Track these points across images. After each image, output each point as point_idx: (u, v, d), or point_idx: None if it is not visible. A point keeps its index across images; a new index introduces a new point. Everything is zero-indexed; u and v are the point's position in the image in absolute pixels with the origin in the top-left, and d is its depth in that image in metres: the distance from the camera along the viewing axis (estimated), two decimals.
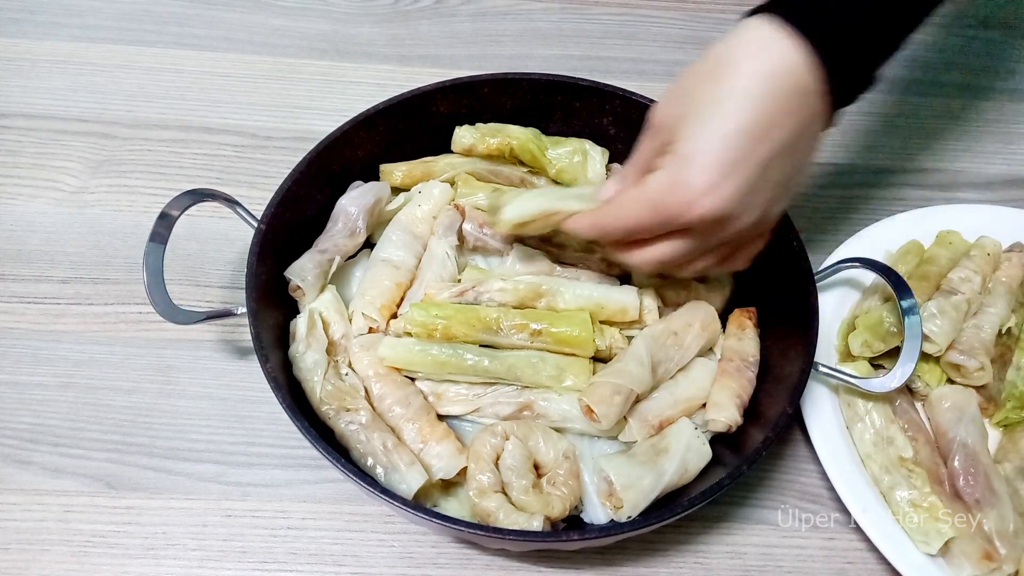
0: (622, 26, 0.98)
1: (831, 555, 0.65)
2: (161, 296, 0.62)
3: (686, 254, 0.55)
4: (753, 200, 0.51)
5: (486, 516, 0.58)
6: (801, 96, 0.49)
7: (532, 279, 0.66)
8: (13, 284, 0.74)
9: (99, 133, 0.84)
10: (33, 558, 0.61)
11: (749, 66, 0.48)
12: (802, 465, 0.69)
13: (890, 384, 0.63)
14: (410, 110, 0.73)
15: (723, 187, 0.49)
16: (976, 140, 0.91)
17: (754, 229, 0.54)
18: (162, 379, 0.70)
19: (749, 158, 0.49)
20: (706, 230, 0.52)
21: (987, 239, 0.76)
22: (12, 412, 0.67)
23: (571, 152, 0.74)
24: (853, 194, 0.86)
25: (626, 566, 0.64)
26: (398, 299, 0.68)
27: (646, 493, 0.58)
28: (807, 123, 0.50)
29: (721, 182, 0.49)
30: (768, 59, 0.48)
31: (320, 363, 0.62)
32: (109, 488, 0.64)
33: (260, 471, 0.66)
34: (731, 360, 0.66)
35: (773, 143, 0.49)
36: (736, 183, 0.49)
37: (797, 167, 0.52)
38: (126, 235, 0.77)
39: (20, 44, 0.90)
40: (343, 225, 0.69)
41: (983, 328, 0.70)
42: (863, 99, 0.53)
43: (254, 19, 0.95)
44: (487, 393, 0.64)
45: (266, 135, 0.85)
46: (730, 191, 0.49)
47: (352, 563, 0.63)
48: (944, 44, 0.99)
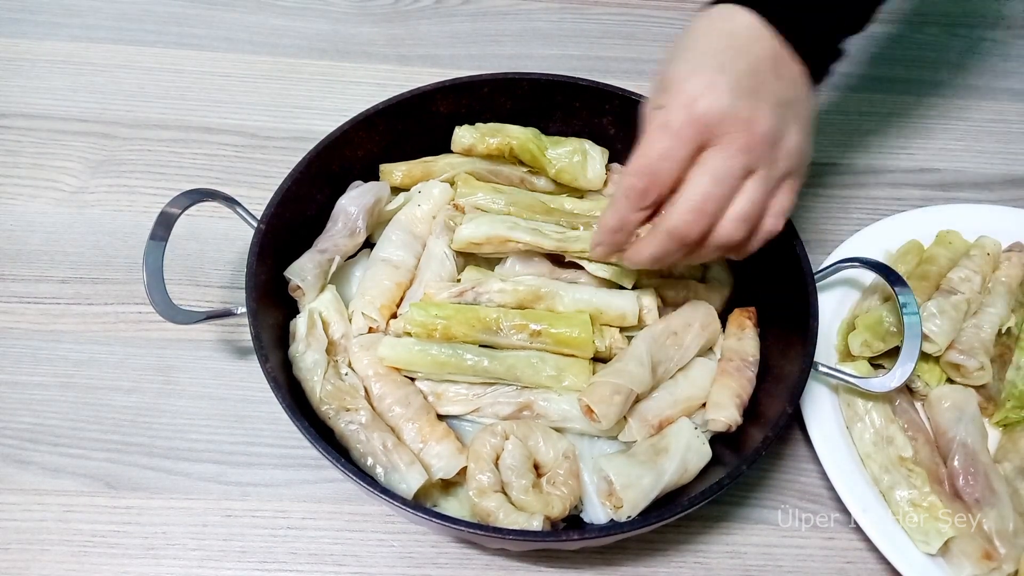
0: (622, 26, 0.98)
1: (831, 555, 0.65)
2: (161, 296, 0.62)
3: (723, 182, 0.52)
4: (758, 104, 0.52)
5: (486, 516, 0.58)
6: (760, 33, 0.54)
7: (532, 281, 0.66)
8: (13, 284, 0.74)
9: (99, 133, 0.84)
10: (33, 558, 0.61)
11: (716, 21, 0.55)
12: (802, 465, 0.69)
13: (890, 384, 0.63)
14: (410, 110, 0.73)
15: (719, 82, 0.51)
16: (976, 140, 0.91)
17: (782, 156, 0.54)
18: (162, 379, 0.70)
19: (736, 60, 0.53)
20: (727, 142, 0.52)
21: (987, 239, 0.76)
22: (12, 412, 0.67)
23: (571, 152, 0.74)
24: (853, 194, 0.86)
25: (626, 566, 0.64)
26: (398, 299, 0.68)
27: (646, 493, 0.58)
28: (779, 57, 0.54)
29: (716, 78, 0.52)
30: (730, 17, 0.55)
31: (320, 363, 0.62)
32: (109, 488, 0.64)
33: (260, 471, 0.66)
34: (731, 360, 0.66)
35: (751, 56, 0.53)
36: (730, 77, 0.52)
37: (791, 98, 0.54)
38: (126, 235, 0.77)
39: (20, 44, 0.90)
40: (343, 225, 0.69)
41: (983, 328, 0.70)
42: (868, 99, 0.54)
43: (254, 19, 0.95)
44: (487, 393, 0.64)
45: (266, 135, 0.85)
46: (727, 83, 0.51)
47: (352, 563, 0.63)
48: (945, 44, 1.00)
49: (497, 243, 0.67)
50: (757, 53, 0.53)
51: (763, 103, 0.52)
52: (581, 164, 0.73)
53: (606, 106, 0.74)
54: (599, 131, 0.76)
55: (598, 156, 0.74)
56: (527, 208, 0.70)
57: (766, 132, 0.52)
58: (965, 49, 0.99)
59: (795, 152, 0.55)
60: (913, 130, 0.91)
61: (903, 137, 0.90)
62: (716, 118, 0.51)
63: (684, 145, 0.52)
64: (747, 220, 0.54)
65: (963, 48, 0.99)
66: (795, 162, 0.55)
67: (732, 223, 0.54)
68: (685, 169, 0.53)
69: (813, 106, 0.57)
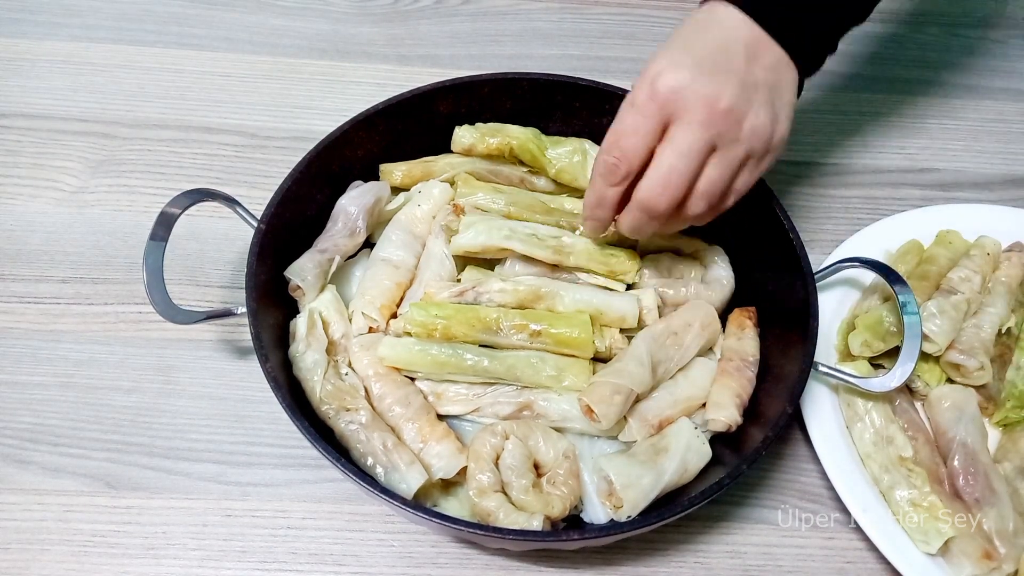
0: (622, 26, 0.98)
1: (831, 555, 0.65)
2: (161, 296, 0.62)
3: (686, 155, 0.55)
4: (721, 84, 0.54)
5: (486, 516, 0.58)
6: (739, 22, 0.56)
7: (532, 281, 0.66)
8: (13, 284, 0.74)
9: (99, 133, 0.84)
10: (33, 558, 0.61)
11: (698, 14, 0.58)
12: (802, 465, 0.69)
13: (890, 384, 0.63)
14: (410, 110, 0.73)
15: (682, 59, 0.54)
16: (976, 140, 0.91)
17: (745, 134, 0.55)
18: (162, 379, 0.70)
19: (704, 41, 0.55)
20: (689, 117, 0.54)
21: (987, 239, 0.76)
22: (12, 412, 0.67)
23: (571, 152, 0.74)
24: (853, 194, 0.86)
25: (626, 566, 0.64)
26: (398, 299, 0.68)
27: (646, 493, 0.58)
28: (757, 41, 0.56)
29: (679, 56, 0.55)
30: (712, 10, 0.57)
31: (320, 363, 0.62)
32: (109, 488, 0.64)
33: (260, 471, 0.66)
34: (731, 360, 0.66)
35: (721, 38, 0.55)
36: (695, 55, 0.55)
37: (765, 81, 0.56)
38: (126, 235, 0.77)
39: (20, 44, 0.90)
40: (343, 225, 0.69)
41: (983, 328, 0.70)
42: (868, 99, 0.54)
43: (254, 19, 0.95)
44: (487, 393, 0.64)
45: (266, 135, 0.85)
46: (690, 60, 0.54)
47: (352, 563, 0.63)
48: (945, 44, 1.00)
49: (493, 252, 0.68)
50: (730, 36, 0.55)
51: (728, 82, 0.54)
52: (581, 164, 0.73)
53: (606, 106, 0.74)
54: (599, 131, 0.75)
55: None
56: (527, 208, 0.70)
57: (727, 108, 0.54)
58: (965, 49, 0.99)
59: (761, 132, 0.56)
60: (913, 130, 0.91)
61: (903, 137, 0.91)
62: (676, 93, 0.54)
63: (648, 120, 0.55)
64: (711, 196, 0.57)
65: (963, 48, 0.99)
66: (760, 143, 0.57)
67: (696, 198, 0.57)
68: (653, 144, 0.56)
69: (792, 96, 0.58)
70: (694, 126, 0.54)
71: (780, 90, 0.57)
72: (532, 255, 0.67)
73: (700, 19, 0.58)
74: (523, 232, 0.67)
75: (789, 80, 0.58)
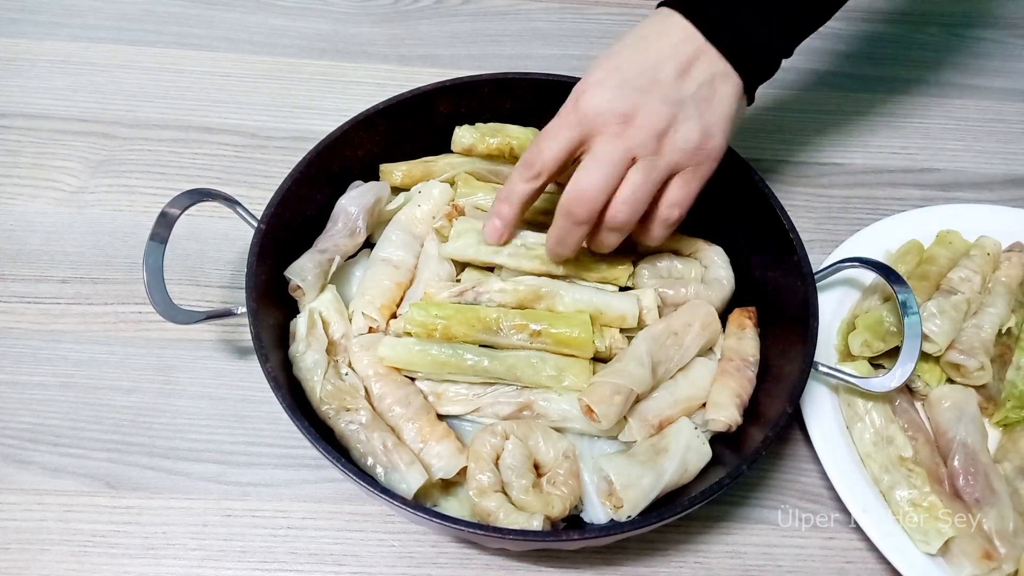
0: (622, 26, 0.98)
1: (831, 555, 0.65)
2: (161, 296, 0.62)
3: (602, 164, 0.57)
4: (641, 101, 0.56)
5: (486, 516, 0.58)
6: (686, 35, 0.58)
7: (532, 281, 0.66)
8: (13, 284, 0.74)
9: (99, 133, 0.84)
10: (33, 558, 0.61)
11: (649, 20, 0.60)
12: (802, 465, 0.69)
13: (890, 384, 0.63)
14: (410, 110, 0.73)
15: (608, 79, 0.57)
16: (976, 140, 0.91)
17: (668, 148, 0.57)
18: (162, 379, 0.70)
19: (635, 58, 0.58)
20: (607, 131, 0.57)
21: (987, 239, 0.76)
22: (12, 412, 0.67)
23: None
24: (853, 194, 0.86)
25: (626, 566, 0.64)
26: (398, 299, 0.68)
27: (646, 493, 0.58)
28: (698, 55, 0.57)
29: (605, 77, 0.57)
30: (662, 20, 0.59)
31: (320, 363, 0.62)
32: (109, 488, 0.64)
33: (260, 471, 0.66)
34: (731, 360, 0.66)
35: (656, 55, 0.57)
36: (623, 73, 0.57)
37: (697, 96, 0.58)
38: (126, 235, 0.77)
39: (20, 44, 0.90)
40: (343, 225, 0.69)
41: (983, 328, 0.70)
42: (868, 99, 0.54)
43: (254, 19, 0.95)
44: (487, 393, 0.64)
45: (266, 135, 0.85)
46: (615, 80, 0.57)
47: (352, 563, 0.63)
48: (945, 44, 1.00)
49: (482, 263, 0.68)
50: (666, 51, 0.58)
51: (650, 99, 0.56)
52: None
53: None
54: None
55: None
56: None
57: (646, 125, 0.56)
58: (965, 49, 0.99)
59: (684, 146, 0.58)
60: (913, 130, 0.91)
61: (903, 137, 0.91)
62: (594, 112, 0.57)
63: (568, 129, 0.58)
64: (632, 203, 0.59)
65: (963, 48, 0.99)
66: (685, 156, 0.58)
67: (616, 205, 0.59)
68: (571, 151, 0.59)
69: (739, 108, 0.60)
70: (610, 138, 0.57)
71: (713, 103, 0.58)
72: (520, 268, 0.67)
73: (645, 29, 0.59)
74: (511, 243, 0.67)
75: (726, 93, 0.59)
